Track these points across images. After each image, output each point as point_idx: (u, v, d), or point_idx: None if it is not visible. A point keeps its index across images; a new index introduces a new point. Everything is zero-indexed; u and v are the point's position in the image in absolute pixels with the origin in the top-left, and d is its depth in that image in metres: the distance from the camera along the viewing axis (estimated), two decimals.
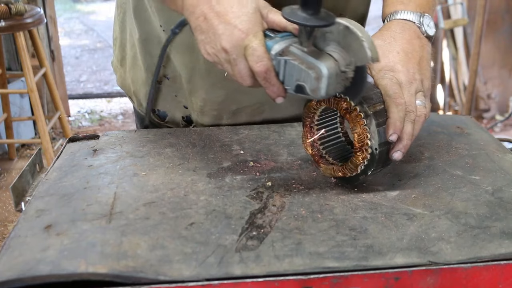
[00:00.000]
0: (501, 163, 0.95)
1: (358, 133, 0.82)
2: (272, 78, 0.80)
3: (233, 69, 0.82)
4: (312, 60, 0.77)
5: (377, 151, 0.82)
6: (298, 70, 0.78)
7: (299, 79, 0.78)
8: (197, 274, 0.66)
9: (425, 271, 0.68)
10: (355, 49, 0.77)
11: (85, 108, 4.42)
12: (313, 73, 0.76)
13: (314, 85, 0.77)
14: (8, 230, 2.71)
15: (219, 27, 0.79)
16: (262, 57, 0.78)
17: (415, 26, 0.92)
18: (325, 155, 0.91)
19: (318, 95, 0.77)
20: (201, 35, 0.82)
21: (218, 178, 0.90)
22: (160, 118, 1.18)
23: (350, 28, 0.76)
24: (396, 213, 0.80)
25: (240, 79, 0.82)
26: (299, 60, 0.78)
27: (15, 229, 0.76)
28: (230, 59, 0.81)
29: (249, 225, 0.76)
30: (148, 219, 0.77)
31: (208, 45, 0.82)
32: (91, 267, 0.66)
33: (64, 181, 0.89)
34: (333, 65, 0.77)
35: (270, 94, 0.82)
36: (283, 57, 0.79)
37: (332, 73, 0.76)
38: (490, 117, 3.94)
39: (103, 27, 7.07)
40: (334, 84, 0.77)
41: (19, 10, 2.79)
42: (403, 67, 0.87)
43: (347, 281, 0.67)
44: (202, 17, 0.81)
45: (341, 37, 0.77)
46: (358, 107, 0.81)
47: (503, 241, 0.73)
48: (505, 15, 3.79)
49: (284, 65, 0.79)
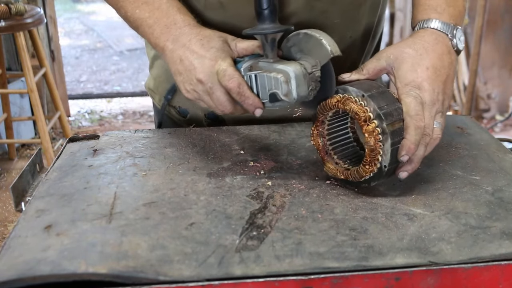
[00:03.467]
0: (501, 163, 0.95)
1: (371, 147, 0.81)
2: (246, 91, 0.85)
3: (212, 98, 0.88)
4: (279, 66, 0.84)
5: (385, 168, 0.82)
6: (268, 80, 0.84)
7: (271, 88, 0.84)
8: (197, 274, 0.66)
9: (426, 271, 0.68)
10: (317, 49, 0.83)
11: (85, 108, 4.42)
12: (281, 77, 0.83)
13: (285, 89, 0.83)
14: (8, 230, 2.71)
15: (194, 62, 0.87)
16: (232, 74, 0.85)
17: (447, 38, 0.89)
18: (331, 152, 0.90)
19: (291, 98, 0.83)
20: (180, 76, 0.90)
21: (218, 178, 0.90)
22: (181, 115, 1.18)
23: (308, 33, 0.84)
24: (397, 213, 0.80)
25: (221, 106, 0.88)
26: (267, 70, 0.85)
27: (15, 229, 0.76)
28: (207, 89, 0.87)
29: (249, 225, 0.76)
30: (148, 219, 0.77)
31: (186, 83, 0.89)
32: (91, 267, 0.66)
33: (64, 181, 0.89)
34: (298, 67, 0.83)
35: (248, 108, 0.87)
36: (252, 72, 0.86)
37: (299, 74, 0.82)
38: (490, 117, 3.94)
39: (103, 27, 7.06)
40: (304, 85, 0.83)
41: (19, 10, 2.78)
42: (430, 86, 0.84)
43: (347, 282, 0.67)
44: (178, 60, 0.89)
45: (304, 45, 0.85)
46: (377, 121, 0.80)
47: (504, 241, 0.73)
48: (505, 15, 3.79)
49: (255, 79, 0.86)
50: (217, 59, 0.86)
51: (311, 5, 0.99)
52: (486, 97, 3.94)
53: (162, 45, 0.92)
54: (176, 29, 0.91)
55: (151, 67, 1.23)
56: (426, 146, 0.84)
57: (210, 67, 0.86)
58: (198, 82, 0.87)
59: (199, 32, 0.90)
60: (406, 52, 0.87)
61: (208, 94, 0.88)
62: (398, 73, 0.86)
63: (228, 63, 0.86)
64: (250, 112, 0.87)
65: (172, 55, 0.90)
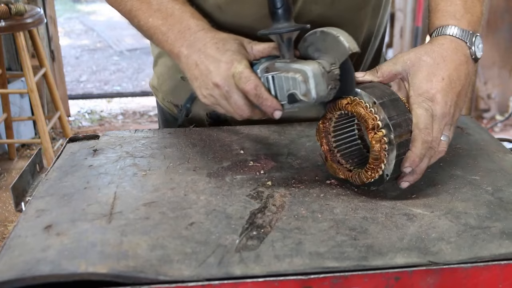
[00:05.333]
0: (501, 163, 0.95)
1: (376, 156, 0.80)
2: (263, 93, 0.83)
3: (229, 102, 0.86)
4: (296, 66, 0.82)
5: (387, 177, 0.82)
6: (286, 80, 0.82)
7: (289, 88, 0.82)
8: (197, 274, 0.66)
9: (426, 271, 0.68)
10: (334, 46, 0.81)
11: (85, 108, 4.42)
12: (299, 77, 0.80)
13: (304, 89, 0.81)
14: (8, 230, 2.71)
15: (209, 66, 0.86)
16: (249, 76, 0.83)
17: (466, 47, 0.88)
18: (334, 149, 0.89)
19: (310, 98, 0.81)
20: (196, 81, 0.89)
21: (218, 178, 0.90)
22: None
23: (325, 31, 0.82)
24: (396, 213, 0.80)
25: (239, 110, 0.86)
26: (284, 71, 0.83)
27: (15, 229, 0.76)
28: (224, 93, 0.85)
29: (249, 225, 0.76)
30: (148, 219, 0.77)
31: (202, 88, 0.88)
32: (91, 267, 0.66)
33: (64, 181, 0.89)
34: (316, 65, 0.81)
35: (266, 110, 0.85)
36: (269, 73, 0.84)
37: (317, 73, 0.80)
38: (490, 117, 3.94)
39: (103, 27, 7.07)
40: (323, 84, 0.81)
41: (19, 10, 2.78)
42: (443, 98, 0.83)
43: (347, 281, 0.67)
44: (194, 65, 0.88)
45: (321, 43, 0.83)
46: (385, 131, 0.79)
47: (503, 241, 0.73)
48: (505, 15, 3.79)
49: (273, 80, 0.84)
50: (233, 62, 0.85)
51: (308, 8, 0.99)
52: (486, 97, 3.94)
53: (177, 51, 0.91)
54: (191, 34, 0.90)
55: (155, 65, 1.23)
56: (430, 159, 0.83)
57: (226, 70, 0.84)
58: (215, 86, 0.86)
59: (214, 36, 0.89)
60: (423, 60, 0.85)
61: (225, 98, 0.86)
62: (413, 81, 0.85)
63: (245, 65, 0.84)
64: (269, 114, 0.85)
65: (187, 61, 0.89)
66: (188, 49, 0.89)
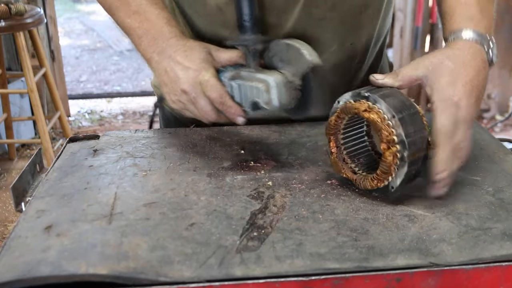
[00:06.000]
0: (502, 164, 0.95)
1: (386, 169, 0.80)
2: (228, 101, 0.89)
3: (196, 107, 0.91)
4: (260, 76, 0.87)
5: (392, 189, 0.81)
6: (250, 89, 0.88)
7: (252, 97, 0.88)
8: (197, 275, 0.66)
9: (427, 273, 0.68)
10: (297, 58, 0.87)
11: (85, 108, 4.42)
12: (262, 86, 0.86)
13: (266, 98, 0.86)
14: (8, 231, 2.71)
15: (178, 73, 0.90)
16: (215, 85, 0.88)
17: (484, 52, 0.88)
18: (342, 146, 0.88)
19: (272, 106, 0.87)
20: (165, 87, 0.93)
21: (219, 178, 0.90)
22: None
23: (289, 43, 0.88)
24: (397, 214, 0.79)
25: (205, 115, 0.91)
26: (248, 80, 0.88)
27: (15, 230, 0.76)
28: (191, 99, 0.90)
29: (250, 226, 0.76)
30: (149, 220, 0.77)
31: (171, 94, 0.93)
32: (91, 268, 0.66)
33: (64, 181, 0.89)
34: (279, 76, 0.87)
35: (230, 117, 0.91)
36: (234, 81, 0.89)
37: (279, 83, 0.86)
38: (490, 117, 3.94)
39: (103, 27, 7.06)
40: (284, 94, 0.86)
41: (19, 10, 2.78)
42: (466, 103, 0.82)
43: (348, 283, 0.67)
44: (163, 71, 0.92)
45: (285, 54, 0.88)
46: (399, 147, 0.78)
47: (505, 243, 0.72)
48: (505, 15, 3.79)
49: (238, 88, 0.89)
50: (200, 70, 0.89)
51: (308, 11, 0.99)
52: (486, 97, 3.94)
53: (148, 57, 0.95)
54: (164, 40, 0.93)
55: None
56: (460, 159, 0.83)
57: (194, 77, 0.89)
58: (183, 92, 0.90)
59: (184, 44, 0.93)
60: (445, 65, 0.84)
61: (192, 103, 0.91)
62: (436, 85, 0.83)
63: (211, 73, 0.89)
64: (232, 120, 0.91)
65: (158, 67, 0.93)
66: (159, 55, 0.93)
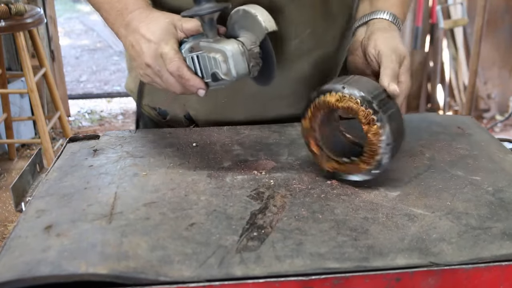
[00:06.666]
0: (502, 163, 0.95)
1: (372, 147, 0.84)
2: (186, 74, 0.87)
3: (162, 80, 0.90)
4: (218, 46, 0.85)
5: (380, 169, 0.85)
6: (209, 60, 0.86)
7: (211, 67, 0.86)
8: (197, 275, 0.66)
9: (426, 272, 0.68)
10: (254, 25, 0.85)
11: (85, 108, 4.42)
12: (219, 57, 0.84)
13: (224, 68, 0.85)
14: (8, 230, 2.71)
15: (142, 47, 0.88)
16: (172, 58, 0.86)
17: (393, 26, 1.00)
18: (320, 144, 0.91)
19: (231, 76, 0.85)
20: (134, 61, 0.92)
21: (219, 178, 0.90)
22: (161, 116, 1.18)
23: (245, 10, 0.86)
24: (397, 213, 0.79)
25: (171, 87, 0.90)
26: (207, 50, 0.86)
27: (15, 230, 0.76)
28: (156, 72, 0.89)
29: (250, 226, 0.76)
30: (149, 220, 0.77)
31: (139, 68, 0.92)
32: (91, 267, 0.66)
33: (65, 181, 0.89)
34: (236, 45, 0.85)
35: (190, 89, 0.89)
36: (193, 53, 0.87)
37: (236, 52, 0.84)
38: (490, 117, 3.94)
39: (103, 27, 7.05)
40: (242, 63, 0.85)
41: (19, 10, 2.78)
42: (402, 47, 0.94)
43: (348, 282, 0.67)
44: (130, 46, 0.91)
45: (244, 21, 0.87)
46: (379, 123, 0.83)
47: (504, 242, 0.72)
48: (505, 15, 3.79)
49: (197, 59, 0.87)
50: (160, 42, 0.87)
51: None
52: (486, 97, 3.94)
53: (116, 31, 0.94)
54: (127, 14, 0.92)
55: (130, 68, 1.21)
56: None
57: (155, 50, 0.87)
58: (147, 66, 0.89)
59: (147, 15, 0.91)
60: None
61: (158, 76, 0.90)
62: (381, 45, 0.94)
63: (170, 46, 0.87)
64: (193, 93, 0.89)
65: (125, 41, 0.92)
66: (126, 29, 0.91)
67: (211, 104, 1.11)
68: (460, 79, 3.87)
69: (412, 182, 0.89)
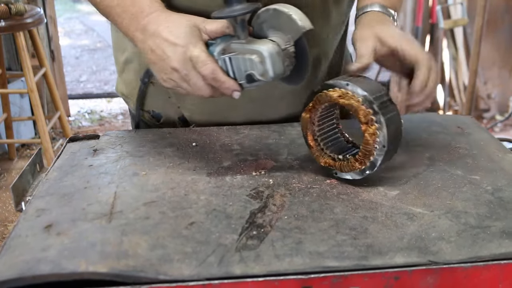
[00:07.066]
0: (501, 163, 0.95)
1: (367, 148, 0.84)
2: (221, 77, 0.85)
3: (190, 85, 0.87)
4: (252, 47, 0.84)
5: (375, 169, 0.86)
6: (243, 61, 0.84)
7: (246, 69, 0.84)
8: (197, 273, 0.66)
9: (425, 271, 0.68)
10: (288, 25, 0.84)
11: (85, 108, 4.42)
12: (256, 58, 0.83)
13: (261, 69, 0.83)
14: (8, 230, 2.71)
15: (166, 51, 0.86)
16: (205, 61, 0.84)
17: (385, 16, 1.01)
18: (318, 138, 0.92)
19: (267, 77, 0.84)
20: (154, 66, 0.89)
21: (218, 178, 0.90)
22: (155, 119, 1.18)
23: (277, 9, 0.84)
24: (396, 212, 0.80)
25: (199, 91, 0.87)
26: (241, 52, 0.84)
27: (15, 229, 0.76)
28: (183, 76, 0.86)
29: (249, 225, 0.76)
30: (148, 219, 0.77)
31: (161, 73, 0.88)
32: (91, 266, 0.66)
33: (65, 181, 0.89)
34: (271, 45, 0.83)
35: (225, 92, 0.87)
36: (225, 55, 0.85)
37: (273, 52, 0.83)
38: (490, 117, 3.94)
39: (103, 27, 7.06)
40: (279, 63, 0.84)
41: (19, 10, 2.78)
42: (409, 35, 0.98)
43: (347, 281, 0.67)
44: (150, 51, 0.88)
45: (275, 21, 0.85)
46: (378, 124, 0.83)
47: (503, 241, 0.73)
48: (505, 15, 3.79)
49: (230, 61, 0.85)
50: (188, 45, 0.85)
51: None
52: (486, 97, 3.94)
53: (131, 36, 0.91)
54: (143, 17, 0.89)
55: (121, 71, 1.20)
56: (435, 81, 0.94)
57: (183, 54, 0.85)
58: (173, 70, 0.86)
59: (166, 18, 0.88)
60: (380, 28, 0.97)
61: (185, 81, 0.87)
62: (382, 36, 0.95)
63: (200, 48, 0.85)
64: (228, 95, 0.87)
65: (143, 46, 0.89)
66: (143, 33, 0.88)
67: (209, 105, 1.10)
68: (460, 79, 3.87)
69: (411, 181, 0.89)
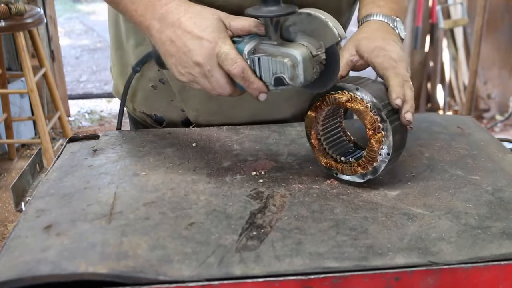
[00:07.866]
0: (501, 163, 0.95)
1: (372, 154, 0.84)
2: (250, 76, 0.82)
3: (210, 81, 0.84)
4: (285, 50, 0.81)
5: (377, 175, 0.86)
6: (273, 63, 0.82)
7: (276, 72, 0.82)
8: (197, 274, 0.66)
9: (426, 271, 0.68)
10: (322, 31, 0.81)
11: (85, 108, 4.42)
12: (288, 61, 0.80)
13: (292, 73, 0.80)
14: (8, 230, 2.71)
15: (188, 44, 0.82)
16: (235, 58, 0.81)
17: (389, 27, 0.96)
18: (321, 138, 0.92)
19: (297, 82, 0.81)
20: (171, 58, 0.85)
21: (218, 178, 0.90)
22: (157, 123, 1.18)
23: (312, 14, 0.81)
24: (396, 213, 0.80)
25: (220, 89, 0.85)
26: (271, 53, 0.82)
27: (15, 229, 0.76)
28: (205, 72, 0.83)
29: (249, 225, 0.76)
30: (148, 219, 0.77)
31: (179, 66, 0.85)
32: (91, 267, 0.66)
33: (64, 181, 0.89)
34: (305, 50, 0.81)
35: (252, 93, 0.84)
36: (256, 55, 0.83)
37: (306, 58, 0.80)
38: (490, 117, 3.94)
39: (103, 27, 7.05)
40: (310, 69, 0.81)
41: (19, 10, 2.78)
42: (393, 48, 0.90)
43: (347, 282, 0.67)
44: (168, 41, 0.84)
45: (306, 25, 0.82)
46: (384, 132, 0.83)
47: (504, 241, 0.73)
48: (505, 15, 3.79)
49: (259, 62, 0.83)
50: (216, 40, 0.82)
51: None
52: (486, 97, 3.94)
53: (147, 24, 0.86)
54: (161, 6, 0.85)
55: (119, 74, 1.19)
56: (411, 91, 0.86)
57: (210, 49, 0.81)
58: (195, 65, 0.83)
59: (187, 9, 0.84)
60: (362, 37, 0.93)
61: (205, 77, 0.84)
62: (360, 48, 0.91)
63: (230, 45, 0.82)
64: (254, 96, 0.85)
65: (160, 36, 0.85)
66: (160, 22, 0.84)
67: (214, 105, 1.10)
68: (460, 79, 3.87)
69: (411, 181, 0.89)
